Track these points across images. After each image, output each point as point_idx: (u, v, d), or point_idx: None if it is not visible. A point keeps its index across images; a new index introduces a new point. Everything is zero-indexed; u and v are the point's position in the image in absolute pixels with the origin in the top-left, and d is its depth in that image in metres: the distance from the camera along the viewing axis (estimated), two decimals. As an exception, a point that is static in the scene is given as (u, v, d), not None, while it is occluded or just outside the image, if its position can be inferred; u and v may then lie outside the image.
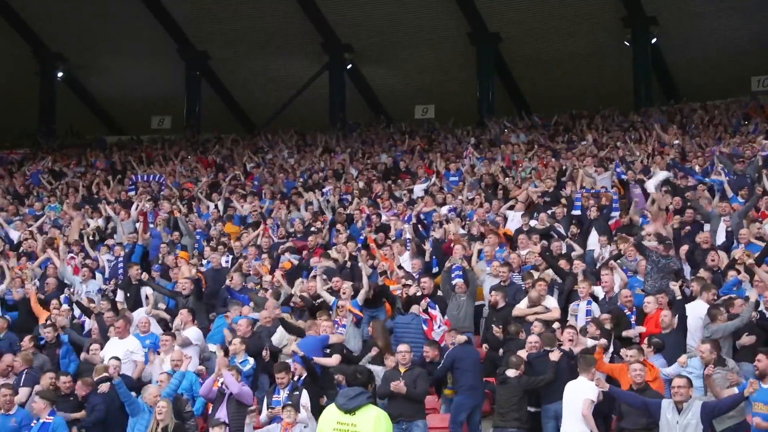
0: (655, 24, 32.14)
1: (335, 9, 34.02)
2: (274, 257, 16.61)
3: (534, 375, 10.82)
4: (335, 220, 18.65)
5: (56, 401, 10.99)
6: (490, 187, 20.19)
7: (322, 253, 16.02)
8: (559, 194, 18.57)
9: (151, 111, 37.43)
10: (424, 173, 22.83)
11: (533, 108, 33.16)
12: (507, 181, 20.53)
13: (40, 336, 13.33)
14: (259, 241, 17.73)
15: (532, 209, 18.18)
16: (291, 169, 25.48)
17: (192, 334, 12.86)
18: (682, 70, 33.78)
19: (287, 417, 10.46)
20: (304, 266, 15.56)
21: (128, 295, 15.41)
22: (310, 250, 16.74)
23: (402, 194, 21.12)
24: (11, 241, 19.54)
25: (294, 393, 10.93)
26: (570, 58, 33.41)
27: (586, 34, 32.77)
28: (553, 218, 17.01)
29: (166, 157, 28.60)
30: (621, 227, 16.21)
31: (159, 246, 17.73)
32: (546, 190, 18.92)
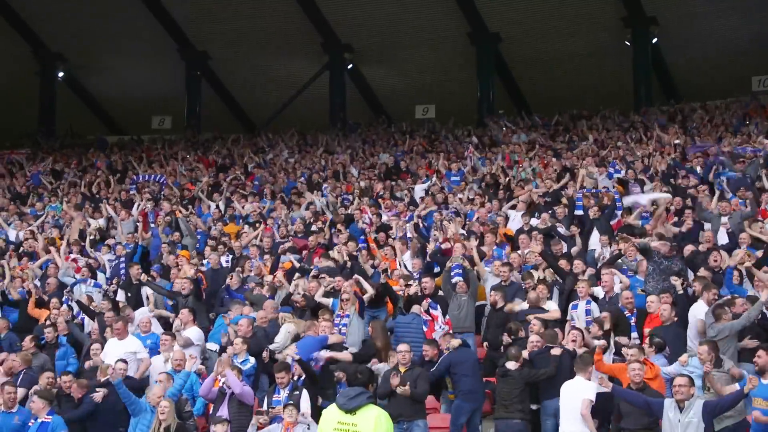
0: (655, 24, 32.13)
1: (335, 9, 34.00)
2: (275, 257, 16.61)
3: (536, 370, 10.81)
4: (334, 220, 18.65)
5: (53, 401, 10.98)
6: (491, 186, 20.16)
7: (322, 253, 16.02)
8: (560, 194, 18.57)
9: (152, 111, 37.40)
10: (425, 173, 22.82)
11: (533, 108, 33.14)
12: (508, 180, 20.52)
13: (42, 336, 13.33)
14: (259, 240, 17.73)
15: (533, 209, 18.18)
16: (292, 169, 25.47)
17: (193, 334, 12.86)
18: (682, 70, 33.78)
19: (288, 417, 10.45)
20: (306, 269, 15.52)
21: (129, 295, 15.42)
22: (311, 249, 16.74)
23: (403, 194, 21.12)
24: (12, 241, 19.53)
25: (294, 393, 10.92)
26: (570, 58, 33.40)
27: (586, 34, 32.75)
28: (555, 218, 17.01)
29: (166, 157, 28.60)
30: (622, 227, 16.20)
31: (160, 246, 17.75)
32: (547, 190, 18.92)
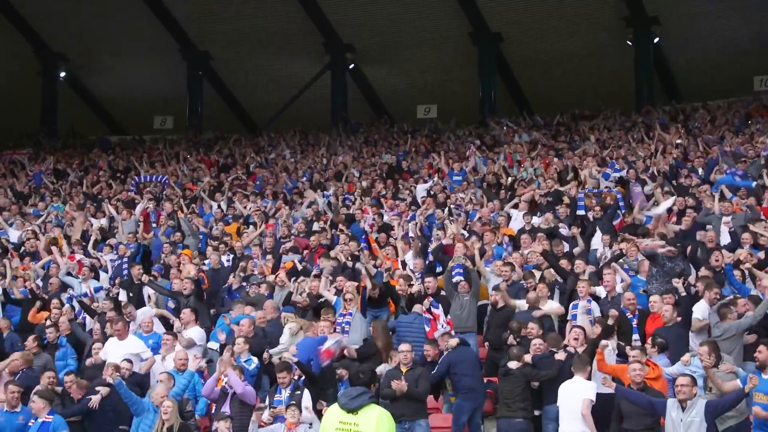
0: (656, 24, 32.12)
1: (337, 9, 34.01)
2: (277, 257, 16.62)
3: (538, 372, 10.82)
4: (334, 221, 18.66)
5: (54, 400, 10.97)
6: (493, 186, 20.15)
7: (322, 252, 16.02)
8: (561, 193, 18.57)
9: (154, 111, 37.40)
10: (427, 173, 22.81)
11: (535, 108, 33.13)
12: (510, 180, 20.52)
13: (44, 336, 13.33)
14: (260, 240, 17.73)
15: (535, 209, 18.17)
16: (293, 169, 25.48)
17: (195, 335, 12.87)
18: (682, 70, 33.78)
19: (291, 417, 10.46)
20: (308, 269, 15.51)
21: (131, 294, 15.42)
22: (312, 249, 16.74)
23: (405, 194, 21.10)
24: (14, 241, 19.54)
25: (296, 392, 10.92)
26: (571, 58, 33.41)
27: (587, 34, 32.76)
28: (557, 218, 17.00)
29: (168, 157, 28.60)
30: (625, 227, 16.19)
31: (161, 246, 17.75)
32: (548, 190, 18.92)
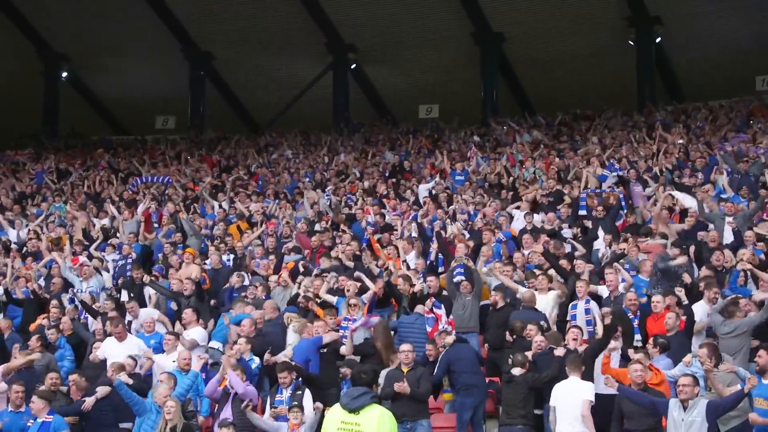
0: (659, 23, 32.08)
1: (339, 9, 34.00)
2: (278, 257, 16.62)
3: (539, 373, 10.82)
4: (334, 221, 18.64)
5: (54, 401, 10.98)
6: (495, 186, 20.14)
7: (323, 252, 16.02)
8: (562, 193, 18.56)
9: (155, 111, 37.38)
10: (429, 173, 22.82)
11: (537, 108, 33.10)
12: (511, 180, 20.51)
13: (47, 337, 13.35)
14: (261, 240, 17.74)
15: (536, 208, 18.17)
16: (295, 169, 25.48)
17: (197, 335, 12.87)
18: (684, 70, 33.74)
19: (294, 418, 10.47)
20: (310, 269, 15.49)
21: (132, 295, 15.43)
22: (314, 249, 16.73)
23: (407, 194, 21.10)
24: (17, 240, 19.56)
25: (297, 393, 10.93)
26: (573, 58, 33.36)
27: (589, 34, 32.70)
28: (559, 218, 16.99)
29: (170, 157, 28.61)
30: (627, 227, 16.19)
31: (162, 246, 17.76)
32: (550, 190, 18.92)
